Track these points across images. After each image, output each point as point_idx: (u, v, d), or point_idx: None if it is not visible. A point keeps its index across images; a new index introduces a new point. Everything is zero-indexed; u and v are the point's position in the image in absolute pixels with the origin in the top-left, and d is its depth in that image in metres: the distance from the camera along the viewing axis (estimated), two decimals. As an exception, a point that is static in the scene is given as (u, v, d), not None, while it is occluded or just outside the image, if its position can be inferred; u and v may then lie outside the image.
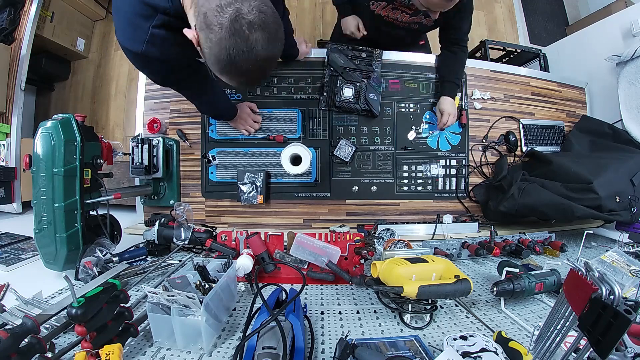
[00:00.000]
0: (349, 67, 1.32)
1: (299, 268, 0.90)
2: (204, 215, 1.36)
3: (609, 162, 1.19)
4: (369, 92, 1.31)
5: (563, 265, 0.88)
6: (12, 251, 1.11)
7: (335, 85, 1.32)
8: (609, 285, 0.39)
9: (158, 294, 0.59)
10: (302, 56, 1.32)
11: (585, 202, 1.09)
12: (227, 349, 0.63)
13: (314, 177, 1.34)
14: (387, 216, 1.36)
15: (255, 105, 1.32)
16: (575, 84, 1.61)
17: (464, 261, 1.11)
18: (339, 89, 1.31)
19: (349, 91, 1.31)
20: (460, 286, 0.67)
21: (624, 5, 2.26)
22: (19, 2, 1.95)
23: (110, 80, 2.60)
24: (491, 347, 0.57)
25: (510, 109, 1.48)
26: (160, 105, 1.38)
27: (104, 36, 2.70)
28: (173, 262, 0.99)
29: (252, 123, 1.31)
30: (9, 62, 1.89)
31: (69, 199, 0.87)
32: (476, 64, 1.46)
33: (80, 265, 0.87)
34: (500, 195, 1.27)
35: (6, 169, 1.73)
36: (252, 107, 1.32)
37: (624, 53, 1.47)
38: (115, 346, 0.53)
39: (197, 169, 1.36)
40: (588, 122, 1.53)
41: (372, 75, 1.32)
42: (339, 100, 1.31)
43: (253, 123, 1.31)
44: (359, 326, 0.71)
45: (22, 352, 0.49)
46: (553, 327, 0.49)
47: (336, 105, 1.32)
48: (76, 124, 0.89)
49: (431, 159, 1.39)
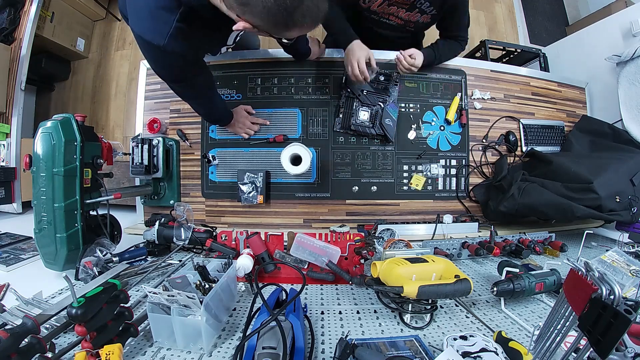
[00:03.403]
0: (366, 89, 1.31)
1: (299, 268, 0.90)
2: (204, 215, 1.36)
3: (609, 162, 1.19)
4: (385, 118, 1.30)
5: (563, 265, 0.88)
6: (12, 251, 1.12)
7: (352, 107, 1.32)
8: (609, 285, 0.39)
9: (158, 294, 0.59)
10: (314, 56, 1.31)
11: (585, 202, 1.09)
12: (227, 349, 0.63)
13: (314, 177, 1.34)
14: (387, 216, 1.36)
15: (250, 107, 1.32)
16: (575, 84, 1.61)
17: (464, 261, 1.11)
18: (355, 111, 1.31)
19: (364, 114, 1.30)
20: (460, 286, 0.67)
21: (624, 5, 2.26)
22: (19, 2, 1.95)
23: (110, 80, 2.60)
24: (491, 347, 0.57)
25: (510, 109, 1.48)
26: (160, 105, 1.38)
27: (104, 36, 2.70)
28: (173, 262, 0.99)
29: (250, 125, 1.31)
30: (9, 62, 1.89)
31: (69, 199, 0.87)
32: (476, 64, 1.46)
33: (81, 265, 0.87)
34: (500, 195, 1.27)
35: (6, 169, 1.73)
36: (248, 109, 1.31)
37: (624, 53, 1.47)
38: (115, 346, 0.53)
39: (197, 169, 1.36)
40: (588, 122, 1.53)
41: (388, 100, 1.32)
42: (354, 123, 1.30)
43: (252, 125, 1.31)
44: (359, 326, 0.71)
45: (22, 352, 0.49)
46: (553, 327, 0.49)
47: (351, 128, 1.31)
48: (76, 124, 0.89)
49: (431, 159, 1.39)
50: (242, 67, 1.35)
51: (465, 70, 1.42)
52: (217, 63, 1.35)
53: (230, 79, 1.36)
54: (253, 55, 1.36)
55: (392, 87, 1.33)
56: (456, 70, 1.41)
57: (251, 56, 1.36)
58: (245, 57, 1.36)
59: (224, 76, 1.36)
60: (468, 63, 1.45)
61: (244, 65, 1.36)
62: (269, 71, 1.35)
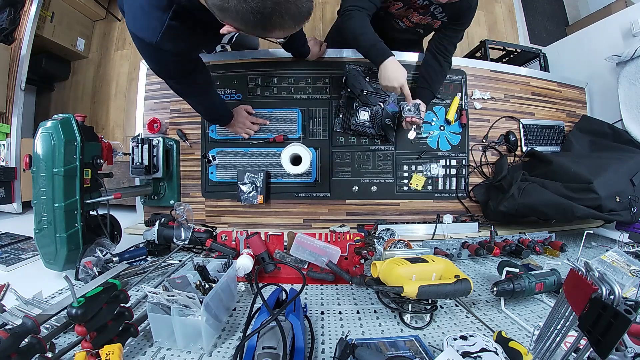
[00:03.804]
0: (366, 89, 1.31)
1: (299, 268, 0.90)
2: (204, 215, 1.36)
3: (609, 162, 1.19)
4: (384, 118, 1.31)
5: (563, 265, 0.88)
6: (12, 251, 1.12)
7: (352, 107, 1.32)
8: (609, 285, 0.39)
9: (158, 294, 0.59)
10: (314, 57, 1.30)
11: (586, 202, 1.09)
12: (227, 349, 0.63)
13: (314, 177, 1.34)
14: (387, 216, 1.36)
15: (250, 107, 1.32)
16: (575, 84, 1.61)
17: (464, 261, 1.11)
18: (355, 111, 1.31)
19: (364, 114, 1.30)
20: (460, 286, 0.67)
21: (624, 5, 2.26)
22: (19, 2, 1.95)
23: (110, 80, 2.60)
24: (491, 347, 0.57)
25: (510, 109, 1.48)
26: (160, 105, 1.38)
27: (104, 36, 2.70)
28: (173, 262, 0.99)
29: (250, 125, 1.31)
30: (9, 62, 1.89)
31: (69, 199, 0.87)
32: (476, 64, 1.46)
33: (81, 265, 0.87)
34: (500, 195, 1.27)
35: (6, 169, 1.73)
36: (248, 109, 1.31)
37: (624, 53, 1.47)
38: (115, 346, 0.53)
39: (197, 169, 1.36)
40: (588, 122, 1.53)
41: (388, 100, 1.32)
42: (354, 122, 1.30)
43: (252, 125, 1.31)
44: (359, 326, 0.71)
45: (22, 352, 0.49)
46: (553, 327, 0.49)
47: (351, 128, 1.31)
48: (76, 124, 0.89)
49: (431, 159, 1.39)
50: (242, 67, 1.35)
51: (465, 70, 1.42)
52: (217, 63, 1.35)
53: (230, 79, 1.35)
54: (253, 55, 1.36)
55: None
56: (456, 70, 1.41)
57: (251, 56, 1.36)
58: (245, 57, 1.36)
59: (224, 76, 1.36)
60: (468, 63, 1.45)
61: (244, 65, 1.36)
62: (268, 71, 1.35)
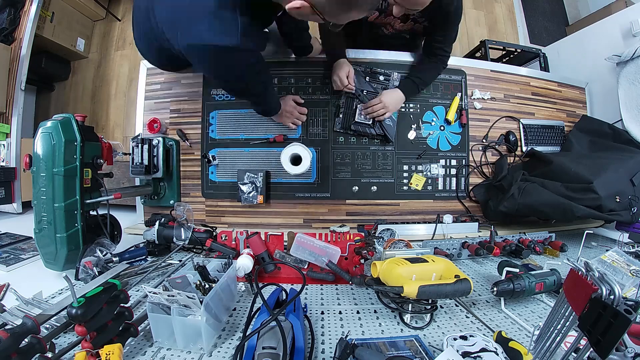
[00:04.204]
0: (366, 89, 1.31)
1: (299, 268, 0.90)
2: (204, 215, 1.36)
3: (609, 162, 1.19)
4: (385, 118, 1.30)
5: (563, 265, 0.88)
6: (12, 251, 1.11)
7: (352, 107, 1.32)
8: (609, 285, 0.39)
9: (158, 294, 0.59)
10: (316, 53, 1.30)
11: (586, 202, 1.09)
12: (227, 349, 0.63)
13: (314, 177, 1.34)
14: (387, 216, 1.36)
15: (298, 97, 1.31)
16: (575, 84, 1.61)
17: (464, 261, 1.11)
18: (355, 111, 1.31)
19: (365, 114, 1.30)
20: (460, 286, 0.67)
21: (624, 5, 2.26)
22: (19, 2, 1.95)
23: (110, 80, 2.60)
24: (491, 347, 0.57)
25: (510, 109, 1.48)
26: (160, 105, 1.38)
27: (104, 36, 2.70)
28: (173, 262, 0.99)
29: (298, 115, 1.29)
30: (9, 62, 1.89)
31: (69, 199, 0.87)
32: (476, 63, 1.46)
33: (81, 265, 0.87)
34: (501, 195, 1.27)
35: (6, 169, 1.73)
36: (296, 99, 1.30)
37: (624, 53, 1.47)
38: (115, 346, 0.53)
39: (197, 169, 1.36)
40: (588, 122, 1.53)
41: None
42: (354, 123, 1.30)
43: (300, 115, 1.30)
44: (359, 326, 0.71)
45: (22, 352, 0.49)
46: (553, 327, 0.49)
47: (351, 128, 1.31)
48: (76, 124, 0.89)
49: (431, 159, 1.39)
50: (242, 67, 1.35)
51: (465, 70, 1.42)
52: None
53: (230, 79, 1.35)
54: (253, 55, 1.36)
55: (391, 87, 1.33)
56: (456, 70, 1.41)
57: (251, 56, 1.36)
58: (245, 57, 1.36)
59: (224, 76, 1.35)
60: (468, 63, 1.45)
61: (244, 65, 1.36)
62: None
